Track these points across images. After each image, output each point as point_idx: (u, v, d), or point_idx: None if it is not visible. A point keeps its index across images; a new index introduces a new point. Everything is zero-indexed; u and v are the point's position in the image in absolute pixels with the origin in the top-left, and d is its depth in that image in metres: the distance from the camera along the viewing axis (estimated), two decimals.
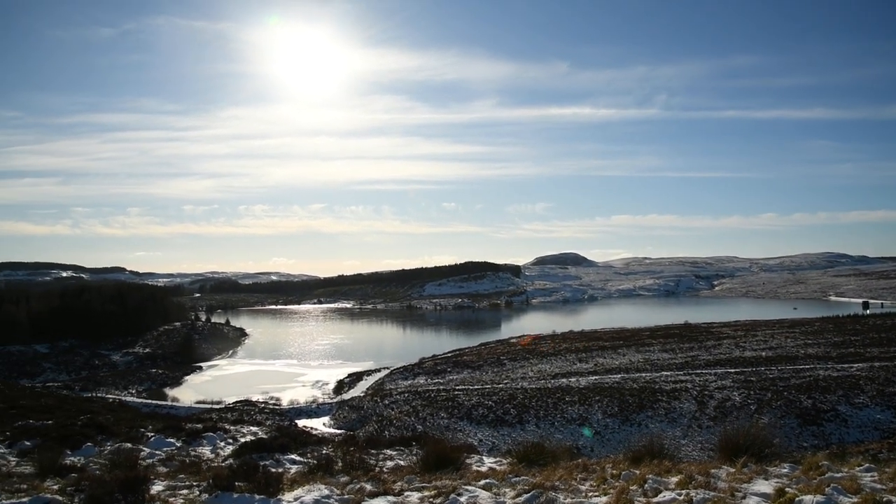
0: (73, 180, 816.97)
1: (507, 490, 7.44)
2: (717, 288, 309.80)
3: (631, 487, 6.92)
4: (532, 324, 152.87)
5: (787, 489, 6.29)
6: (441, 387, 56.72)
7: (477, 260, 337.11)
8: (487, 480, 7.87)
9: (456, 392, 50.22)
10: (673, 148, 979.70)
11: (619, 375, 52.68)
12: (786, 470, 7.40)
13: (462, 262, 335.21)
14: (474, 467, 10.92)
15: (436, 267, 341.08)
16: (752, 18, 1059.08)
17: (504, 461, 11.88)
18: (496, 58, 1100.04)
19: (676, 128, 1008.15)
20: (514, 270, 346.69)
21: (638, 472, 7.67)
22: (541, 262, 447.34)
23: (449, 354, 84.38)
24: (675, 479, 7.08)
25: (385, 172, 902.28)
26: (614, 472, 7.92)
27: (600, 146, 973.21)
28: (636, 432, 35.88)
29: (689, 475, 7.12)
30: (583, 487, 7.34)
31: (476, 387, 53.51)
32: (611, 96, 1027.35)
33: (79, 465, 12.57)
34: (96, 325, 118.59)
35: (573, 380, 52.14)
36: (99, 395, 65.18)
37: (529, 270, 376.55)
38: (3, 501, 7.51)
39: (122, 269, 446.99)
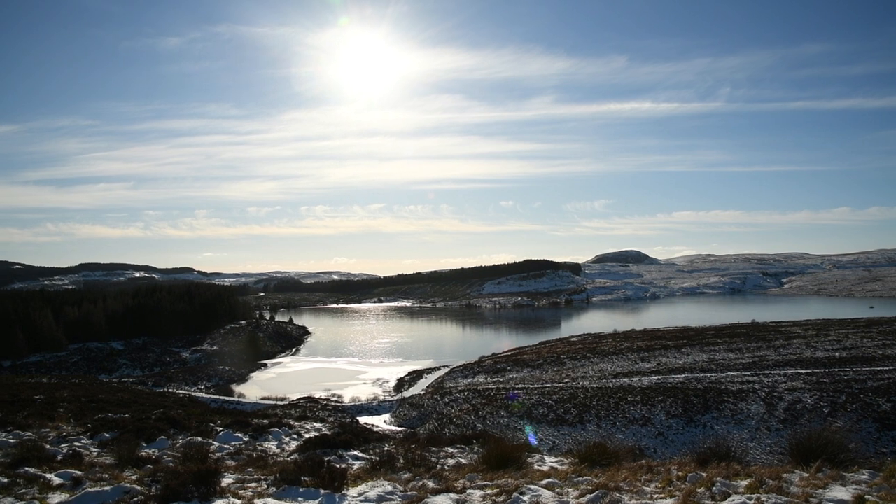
0: (144, 185, 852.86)
1: (570, 490, 7.36)
2: (786, 286, 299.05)
3: (698, 490, 6.75)
4: (592, 322, 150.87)
5: (866, 496, 6.01)
6: (501, 385, 56.55)
7: (536, 258, 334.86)
8: (550, 480, 7.81)
9: (516, 391, 49.97)
10: (737, 141, 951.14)
11: (683, 375, 51.40)
12: (865, 476, 7.06)
13: (521, 260, 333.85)
14: (535, 466, 10.85)
15: (494, 265, 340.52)
16: (821, 4, 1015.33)
17: (565, 461, 11.76)
18: (553, 54, 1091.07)
19: (741, 120, 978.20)
20: (574, 268, 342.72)
21: (705, 474, 7.47)
22: (601, 259, 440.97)
23: (508, 353, 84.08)
24: (744, 483, 6.87)
25: (443, 171, 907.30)
26: (680, 473, 7.74)
27: (661, 141, 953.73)
28: (701, 434, 34.97)
29: (759, 479, 6.89)
30: (648, 489, 7.20)
31: (536, 385, 53.14)
32: (671, 90, 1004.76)
33: (154, 456, 13.08)
34: (167, 323, 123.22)
35: (635, 379, 51.17)
36: (170, 390, 67.65)
37: (589, 268, 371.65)
38: (89, 489, 7.91)
39: (191, 270, 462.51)
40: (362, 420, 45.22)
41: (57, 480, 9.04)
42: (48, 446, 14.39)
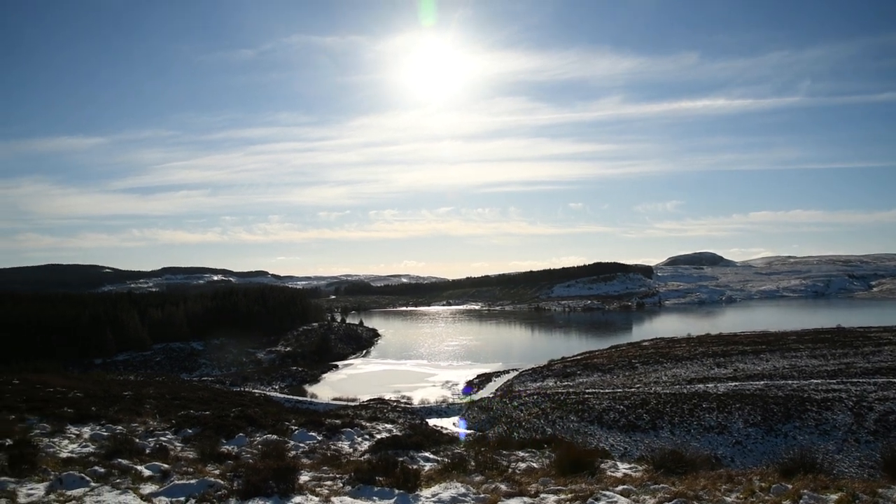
0: (221, 191, 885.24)
1: (646, 497, 7.22)
2: (875, 289, 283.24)
3: (783, 502, 6.50)
4: (665, 326, 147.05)
5: None
6: (570, 389, 55.86)
7: (606, 261, 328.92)
8: (625, 486, 7.67)
9: (586, 395, 49.27)
10: (818, 137, 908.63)
11: (762, 382, 49.44)
12: None
13: (590, 262, 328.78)
14: (608, 472, 10.68)
15: (564, 268, 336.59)
16: None
17: (639, 467, 11.52)
18: (620, 53, 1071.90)
19: (822, 115, 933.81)
20: (646, 271, 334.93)
21: (790, 486, 7.18)
22: (674, 262, 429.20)
23: (578, 357, 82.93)
24: (834, 497, 6.56)
25: (510, 174, 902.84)
26: (763, 484, 7.46)
27: (735, 139, 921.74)
28: (782, 444, 33.58)
29: (851, 493, 6.56)
30: (728, 499, 6.98)
31: (607, 390, 52.22)
32: (746, 86, 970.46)
33: (233, 452, 13.56)
34: (243, 324, 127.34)
35: (710, 385, 49.58)
36: (246, 389, 69.91)
37: (662, 271, 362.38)
38: (176, 482, 8.30)
39: (265, 273, 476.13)
40: (431, 422, 45.48)
41: (147, 472, 9.51)
42: (137, 440, 15.13)
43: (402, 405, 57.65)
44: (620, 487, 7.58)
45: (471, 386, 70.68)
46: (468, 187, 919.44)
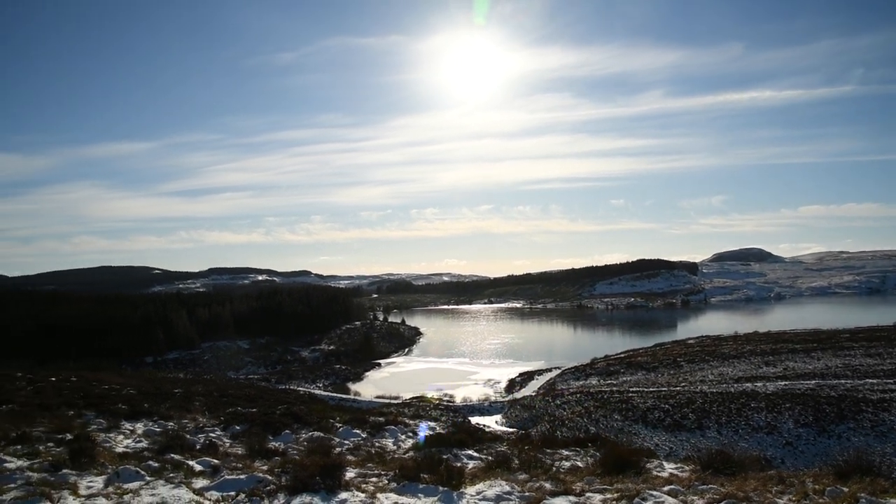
0: (265, 193, 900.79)
1: (694, 498, 7.12)
2: None
3: None
4: (710, 324, 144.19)
5: None
6: (614, 388, 55.24)
7: (649, 257, 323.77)
8: (672, 486, 7.57)
9: (630, 394, 48.66)
10: (873, 127, 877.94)
11: (814, 381, 48.08)
12: None
13: (634, 259, 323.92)
14: (654, 472, 10.54)
15: (606, 265, 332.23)
16: None
17: (686, 468, 11.34)
18: (663, 46, 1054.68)
19: (877, 104, 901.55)
20: (690, 268, 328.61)
21: (846, 489, 6.99)
22: (720, 258, 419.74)
23: (622, 355, 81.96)
24: (894, 501, 6.36)
25: (551, 171, 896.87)
26: (817, 487, 7.28)
27: (783, 131, 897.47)
28: (835, 445, 32.59)
29: None
30: (780, 501, 6.83)
31: (651, 389, 51.49)
32: (795, 76, 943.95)
33: (280, 449, 13.80)
34: (287, 323, 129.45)
35: (759, 384, 48.44)
36: (291, 387, 70.95)
37: (707, 267, 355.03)
38: (226, 476, 8.52)
39: (309, 273, 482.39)
40: (473, 420, 45.50)
41: (198, 467, 9.77)
42: (188, 436, 15.53)
43: (445, 403, 57.80)
44: (667, 488, 7.49)
45: (513, 384, 70.54)
46: (509, 185, 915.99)
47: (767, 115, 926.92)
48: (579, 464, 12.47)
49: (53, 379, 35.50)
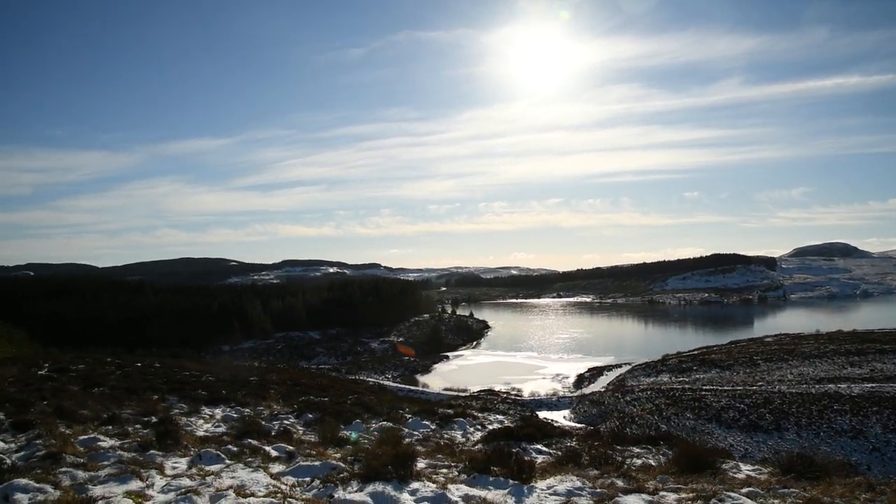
0: (335, 187, 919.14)
1: (774, 501, 6.87)
2: None
3: None
4: (790, 321, 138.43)
5: None
6: (686, 385, 53.84)
7: (724, 252, 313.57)
8: (751, 489, 7.33)
9: (703, 392, 47.33)
10: None
11: None
12: None
13: (708, 254, 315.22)
14: (730, 473, 10.23)
15: (679, 260, 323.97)
16: None
17: (763, 470, 10.95)
18: (740, 32, 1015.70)
19: None
20: (768, 263, 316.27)
21: None
22: (800, 253, 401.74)
23: (695, 352, 79.74)
24: None
25: (622, 164, 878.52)
26: None
27: (872, 119, 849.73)
28: None
29: None
30: None
31: (726, 387, 49.91)
32: (886, 59, 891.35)
33: (351, 438, 14.10)
34: (357, 315, 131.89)
35: (843, 386, 46.19)
36: (361, 377, 72.27)
37: (786, 263, 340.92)
38: (301, 463, 8.79)
39: (378, 265, 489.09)
40: (541, 415, 45.20)
41: (274, 453, 10.11)
42: (263, 422, 16.06)
43: (513, 397, 57.67)
44: (745, 490, 7.25)
45: (581, 379, 69.75)
46: (578, 178, 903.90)
47: (854, 102, 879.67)
48: (651, 462, 12.23)
49: (139, 365, 37.36)
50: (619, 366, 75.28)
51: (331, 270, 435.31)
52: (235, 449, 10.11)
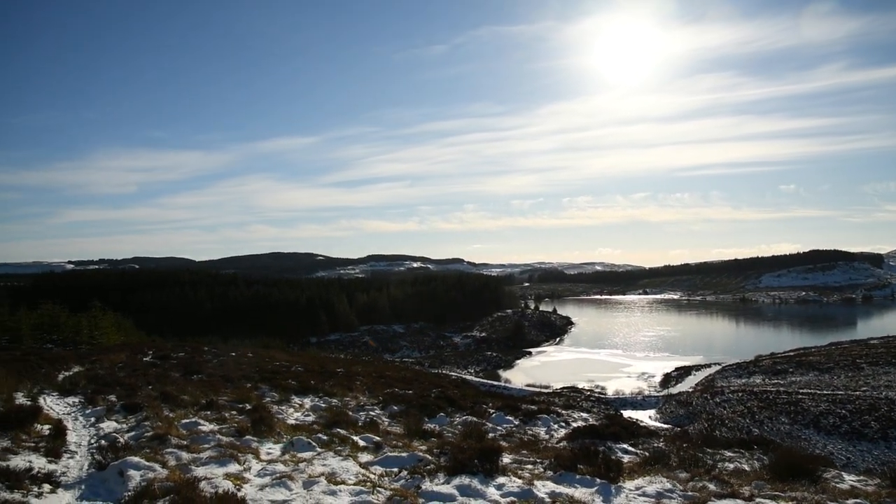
0: (419, 182, 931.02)
1: None
2: None
3: None
4: None
5: None
6: (781, 388, 51.40)
7: (824, 248, 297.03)
8: (857, 500, 6.95)
9: (799, 396, 45.06)
10: None
11: None
12: None
13: (806, 250, 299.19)
14: (832, 483, 9.73)
15: (774, 256, 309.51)
16: None
17: (870, 481, 10.35)
18: (842, 12, 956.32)
19: None
20: (874, 259, 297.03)
21: None
22: None
23: (790, 353, 75.94)
24: None
25: (712, 156, 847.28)
26: None
27: None
28: None
29: None
30: None
31: (825, 392, 47.31)
32: None
33: (435, 430, 14.28)
34: (440, 309, 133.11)
35: None
36: (443, 371, 72.96)
37: (895, 260, 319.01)
38: (389, 453, 9.01)
39: (461, 260, 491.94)
40: (626, 414, 44.22)
41: (361, 442, 10.40)
42: (350, 413, 16.52)
43: (596, 395, 56.79)
44: (852, 501, 6.87)
45: (668, 379, 67.85)
46: (665, 171, 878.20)
47: None
48: (744, 467, 11.78)
49: (233, 354, 39.11)
50: (708, 366, 72.71)
51: (414, 265, 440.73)
52: (325, 437, 10.45)
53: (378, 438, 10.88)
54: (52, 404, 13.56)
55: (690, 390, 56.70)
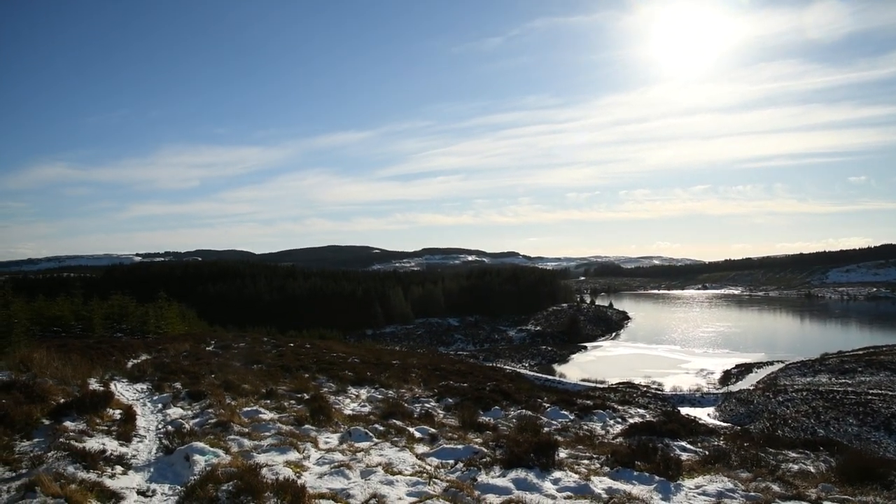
0: (474, 176, 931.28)
1: None
2: None
3: None
4: None
5: None
6: (849, 388, 49.46)
7: None
8: None
9: (869, 396, 43.29)
10: None
11: None
12: None
13: (877, 244, 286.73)
14: None
15: (842, 251, 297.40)
16: None
17: None
18: None
19: None
20: None
21: None
22: None
23: (860, 352, 72.94)
24: None
25: (776, 147, 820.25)
26: None
27: None
28: None
29: None
30: None
31: None
32: None
33: (490, 423, 14.29)
34: (495, 303, 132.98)
35: None
36: (498, 365, 72.88)
37: None
38: (444, 445, 9.09)
39: (516, 254, 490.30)
40: (683, 411, 43.25)
41: (417, 434, 10.49)
42: (406, 404, 16.68)
43: (653, 391, 55.77)
44: None
45: (728, 376, 66.12)
46: (726, 163, 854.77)
47: None
48: (810, 468, 11.41)
49: (291, 345, 39.99)
50: (771, 363, 70.52)
51: (469, 258, 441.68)
52: (382, 428, 10.59)
53: (433, 430, 10.95)
54: (123, 390, 14.14)
55: (751, 388, 55.15)
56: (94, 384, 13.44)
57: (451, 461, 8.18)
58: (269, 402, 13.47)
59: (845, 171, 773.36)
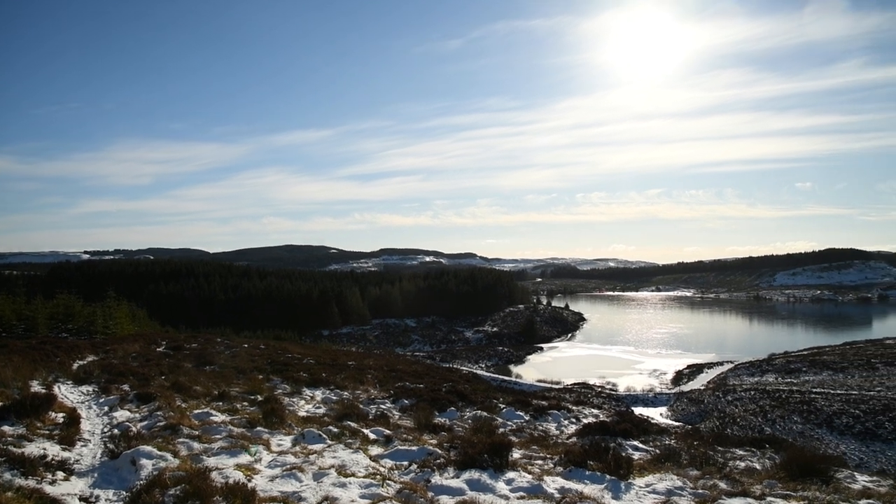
0: (433, 177, 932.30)
1: None
2: None
3: None
4: None
5: None
6: (794, 387, 51.02)
7: (840, 246, 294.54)
8: (870, 501, 6.89)
9: (812, 395, 44.72)
10: None
11: None
12: None
13: (821, 248, 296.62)
14: (845, 483, 9.64)
15: (789, 254, 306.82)
16: None
17: (882, 482, 10.25)
18: (862, 9, 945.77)
19: None
20: (891, 259, 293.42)
21: None
22: None
23: (804, 352, 75.36)
24: None
25: (728, 153, 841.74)
26: None
27: None
28: None
29: None
30: None
31: (838, 391, 46.91)
32: None
33: (446, 425, 14.29)
34: (452, 304, 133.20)
35: None
36: (455, 366, 72.98)
37: None
38: (399, 446, 9.05)
39: (474, 255, 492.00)
40: (637, 411, 44.05)
41: (372, 436, 10.42)
42: (361, 406, 16.57)
43: (607, 391, 56.59)
44: (864, 501, 6.82)
45: (680, 376, 67.55)
46: (680, 168, 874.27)
47: None
48: (756, 465, 11.71)
49: (246, 346, 39.32)
50: (721, 363, 72.31)
51: (427, 259, 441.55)
52: (336, 430, 10.49)
53: (388, 432, 10.89)
54: (67, 393, 13.71)
55: (702, 388, 56.43)
56: (36, 386, 13.00)
57: (406, 463, 8.15)
58: (221, 404, 13.22)
59: (793, 178, 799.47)
